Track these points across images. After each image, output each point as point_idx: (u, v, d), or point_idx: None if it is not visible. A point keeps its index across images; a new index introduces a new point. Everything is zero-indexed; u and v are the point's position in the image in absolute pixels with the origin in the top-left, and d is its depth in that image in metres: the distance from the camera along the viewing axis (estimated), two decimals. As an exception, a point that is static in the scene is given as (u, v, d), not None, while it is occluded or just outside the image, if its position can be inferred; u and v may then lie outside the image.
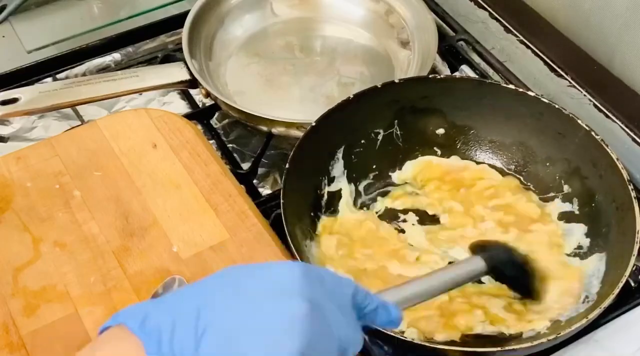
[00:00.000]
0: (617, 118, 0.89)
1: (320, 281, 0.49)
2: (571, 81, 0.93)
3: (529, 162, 0.86)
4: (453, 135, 0.88)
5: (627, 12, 0.88)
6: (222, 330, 0.45)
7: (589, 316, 0.66)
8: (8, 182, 0.79)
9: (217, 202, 0.77)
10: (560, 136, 0.82)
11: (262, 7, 1.08)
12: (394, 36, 1.05)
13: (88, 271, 0.72)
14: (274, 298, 0.47)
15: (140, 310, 0.47)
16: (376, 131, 0.87)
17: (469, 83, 0.88)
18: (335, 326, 0.48)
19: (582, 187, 0.81)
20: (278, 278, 0.48)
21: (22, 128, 0.97)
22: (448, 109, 0.87)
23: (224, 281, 0.49)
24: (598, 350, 0.70)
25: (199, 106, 0.99)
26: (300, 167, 0.78)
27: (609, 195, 0.76)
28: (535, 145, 0.85)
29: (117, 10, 1.11)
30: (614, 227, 0.75)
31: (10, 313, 0.69)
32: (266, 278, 0.48)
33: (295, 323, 0.46)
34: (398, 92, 0.85)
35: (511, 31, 1.00)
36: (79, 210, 0.77)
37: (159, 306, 0.47)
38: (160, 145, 0.83)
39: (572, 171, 0.82)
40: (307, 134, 0.80)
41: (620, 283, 0.67)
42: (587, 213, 0.79)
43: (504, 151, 0.87)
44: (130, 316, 0.47)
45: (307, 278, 0.48)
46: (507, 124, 0.86)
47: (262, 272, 0.49)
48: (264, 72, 1.02)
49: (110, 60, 1.04)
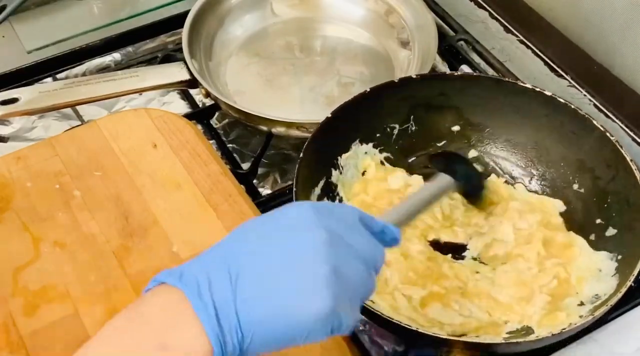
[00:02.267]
0: (617, 118, 0.89)
1: (329, 212, 0.52)
2: (571, 81, 0.93)
3: (543, 161, 0.85)
4: (468, 133, 0.88)
5: (627, 12, 0.88)
6: (253, 270, 0.48)
7: (595, 313, 0.66)
8: (8, 182, 0.79)
9: (217, 202, 0.77)
10: (575, 136, 0.82)
11: (262, 7, 1.08)
12: (394, 36, 1.05)
13: (88, 271, 0.72)
14: (294, 233, 0.50)
15: (176, 270, 0.50)
16: (392, 126, 0.87)
17: (486, 81, 0.88)
18: (357, 245, 0.51)
19: (594, 188, 0.80)
20: (292, 216, 0.52)
21: (22, 128, 0.97)
22: (464, 106, 0.87)
23: (244, 231, 0.52)
24: (598, 350, 0.70)
25: (199, 106, 0.99)
26: (314, 157, 0.78)
27: (622, 196, 0.76)
28: (550, 144, 0.85)
29: (117, 10, 1.11)
30: (625, 227, 0.75)
31: (10, 313, 0.69)
32: (281, 218, 0.52)
33: (319, 249, 0.49)
34: (415, 88, 0.86)
35: (511, 31, 1.00)
36: (79, 210, 0.77)
37: (192, 265, 0.50)
38: (160, 145, 0.83)
39: (586, 171, 0.81)
40: (322, 126, 0.80)
41: (629, 281, 0.68)
42: (600, 212, 0.79)
43: (519, 150, 0.87)
44: (168, 275, 0.50)
45: (318, 211, 0.51)
46: (523, 123, 0.85)
47: (276, 215, 0.52)
48: (264, 72, 1.02)
49: (110, 60, 1.04)
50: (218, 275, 0.48)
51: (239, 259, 0.49)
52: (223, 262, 0.49)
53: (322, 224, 0.50)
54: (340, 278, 0.49)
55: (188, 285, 0.48)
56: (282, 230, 0.51)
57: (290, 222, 0.51)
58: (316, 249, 0.49)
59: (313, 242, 0.49)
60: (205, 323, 0.47)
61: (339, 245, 0.50)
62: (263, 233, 0.51)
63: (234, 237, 0.52)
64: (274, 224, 0.52)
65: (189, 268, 0.50)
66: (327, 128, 0.80)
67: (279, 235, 0.51)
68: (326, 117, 0.81)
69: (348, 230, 0.52)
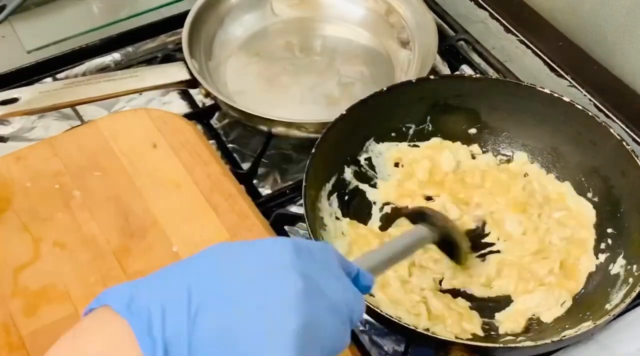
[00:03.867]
0: (617, 118, 0.89)
1: (309, 253, 0.48)
2: (571, 81, 0.93)
3: (558, 167, 0.85)
4: (485, 136, 0.88)
5: (627, 12, 0.88)
6: (216, 311, 0.43)
7: (598, 321, 0.66)
8: (8, 182, 0.79)
9: (217, 202, 0.77)
10: (592, 144, 0.81)
11: (262, 7, 1.08)
12: (394, 36, 1.05)
13: (88, 271, 0.72)
14: (268, 275, 0.45)
15: (126, 289, 0.44)
16: (408, 125, 0.87)
17: (504, 85, 0.87)
18: (334, 295, 0.47)
19: (608, 195, 0.80)
20: (269, 254, 0.47)
21: (22, 128, 0.97)
22: (482, 109, 0.87)
23: (214, 259, 0.46)
24: (598, 350, 0.70)
25: (199, 106, 0.99)
26: (327, 152, 0.79)
27: (636, 204, 0.76)
28: (567, 151, 0.84)
29: (117, 10, 1.11)
30: (636, 234, 0.75)
31: (10, 313, 0.69)
32: (257, 254, 0.47)
33: (293, 301, 0.44)
34: (432, 89, 0.86)
35: (511, 31, 1.01)
36: (79, 210, 0.77)
37: (145, 285, 0.44)
38: (160, 145, 0.83)
39: (601, 179, 0.81)
40: (336, 122, 0.80)
41: (634, 292, 0.68)
42: (612, 221, 0.79)
43: (536, 155, 0.86)
44: (116, 297, 0.44)
45: (298, 252, 0.47)
46: (540, 128, 0.85)
47: (252, 249, 0.47)
48: (264, 71, 1.02)
49: (110, 60, 1.04)
50: (175, 308, 0.42)
51: (203, 289, 0.43)
52: (184, 289, 0.43)
53: (299, 268, 0.45)
54: (312, 334, 0.44)
55: (137, 316, 0.42)
56: (257, 269, 0.45)
57: (268, 260, 0.46)
58: (290, 300, 0.44)
59: (288, 290, 0.44)
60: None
61: (314, 296, 0.45)
62: (236, 267, 0.45)
63: (201, 261, 0.46)
64: (250, 259, 0.46)
65: (142, 291, 0.44)
66: (341, 125, 0.80)
67: (254, 274, 0.45)
68: (341, 114, 0.81)
69: (326, 275, 0.47)
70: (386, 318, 0.66)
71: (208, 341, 0.42)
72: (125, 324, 0.42)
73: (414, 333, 0.66)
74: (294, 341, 0.43)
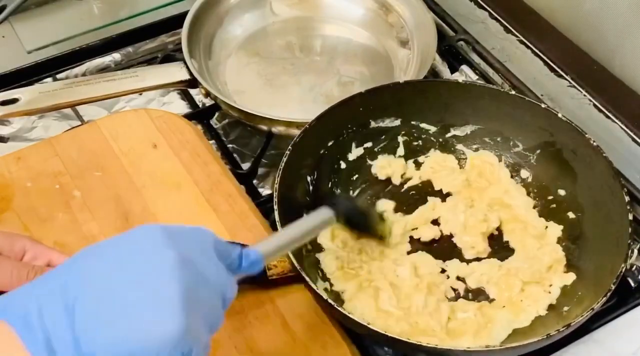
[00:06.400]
0: (617, 118, 0.89)
1: (181, 234, 0.49)
2: (571, 81, 0.93)
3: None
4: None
5: (627, 13, 0.88)
6: (93, 295, 0.44)
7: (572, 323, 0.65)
8: (8, 182, 0.79)
9: (217, 202, 0.77)
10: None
11: (261, 7, 1.08)
12: (394, 35, 1.05)
13: (88, 271, 0.72)
14: (140, 256, 0.46)
15: (2, 298, 0.46)
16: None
17: (487, 91, 0.86)
18: (206, 270, 0.48)
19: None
20: (140, 238, 0.48)
21: (22, 128, 0.97)
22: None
23: (83, 255, 0.48)
24: (598, 350, 0.70)
25: (199, 106, 0.99)
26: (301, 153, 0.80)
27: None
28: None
29: (117, 10, 1.11)
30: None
31: (10, 314, 0.69)
32: (129, 242, 0.48)
33: (171, 270, 0.45)
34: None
35: (511, 31, 1.00)
36: (79, 211, 0.77)
37: (20, 293, 0.46)
38: (160, 145, 0.83)
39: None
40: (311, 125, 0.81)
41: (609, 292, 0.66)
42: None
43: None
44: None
45: (169, 233, 0.48)
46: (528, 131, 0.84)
47: (121, 238, 0.48)
48: (264, 71, 1.02)
49: (110, 60, 1.04)
50: (50, 303, 0.44)
51: (80, 282, 0.45)
52: (58, 289, 0.44)
53: (171, 245, 0.47)
54: (192, 302, 0.45)
55: (12, 314, 0.44)
56: (130, 253, 0.46)
57: (137, 244, 0.47)
58: (167, 270, 0.45)
59: (162, 263, 0.45)
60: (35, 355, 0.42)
61: (189, 267, 0.46)
62: (105, 258, 0.47)
63: (71, 263, 0.47)
64: (118, 248, 0.47)
65: (16, 297, 0.45)
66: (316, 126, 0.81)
67: (127, 258, 0.46)
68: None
69: (199, 255, 0.48)
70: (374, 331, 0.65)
71: (91, 327, 0.43)
72: (3, 323, 0.43)
73: (405, 343, 0.65)
74: (178, 303, 0.44)
